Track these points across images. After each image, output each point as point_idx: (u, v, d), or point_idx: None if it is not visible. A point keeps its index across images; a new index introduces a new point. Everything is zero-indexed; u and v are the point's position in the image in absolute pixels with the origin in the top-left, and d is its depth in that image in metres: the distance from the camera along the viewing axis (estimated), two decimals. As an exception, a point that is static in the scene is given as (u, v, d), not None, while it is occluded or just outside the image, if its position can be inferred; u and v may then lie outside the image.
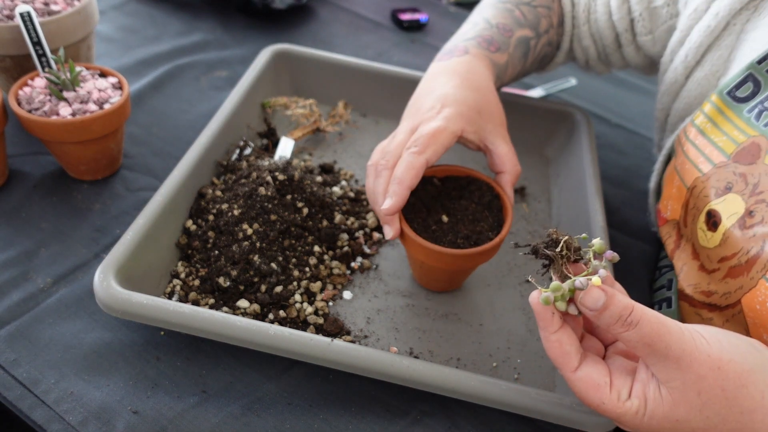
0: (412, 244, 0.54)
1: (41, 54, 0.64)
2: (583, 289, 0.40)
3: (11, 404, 0.49)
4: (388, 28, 1.09)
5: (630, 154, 0.88)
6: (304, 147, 0.77)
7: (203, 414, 0.49)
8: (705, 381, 0.37)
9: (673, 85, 0.65)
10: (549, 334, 0.41)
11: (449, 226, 0.56)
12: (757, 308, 0.46)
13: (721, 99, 0.55)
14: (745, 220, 0.50)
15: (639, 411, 0.39)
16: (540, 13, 0.71)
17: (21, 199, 0.64)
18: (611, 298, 0.39)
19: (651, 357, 0.38)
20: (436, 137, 0.54)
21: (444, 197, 0.58)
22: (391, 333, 0.58)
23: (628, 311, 0.39)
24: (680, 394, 0.38)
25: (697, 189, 0.56)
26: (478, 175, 0.59)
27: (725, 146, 0.54)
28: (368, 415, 0.51)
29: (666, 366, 0.38)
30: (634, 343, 0.39)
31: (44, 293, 0.56)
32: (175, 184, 0.60)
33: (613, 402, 0.40)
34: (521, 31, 0.69)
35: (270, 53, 0.80)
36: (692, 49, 0.61)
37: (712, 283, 0.52)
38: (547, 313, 0.41)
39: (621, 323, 0.39)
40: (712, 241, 0.53)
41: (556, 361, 0.42)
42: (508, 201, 0.57)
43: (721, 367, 0.38)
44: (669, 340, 0.38)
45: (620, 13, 0.68)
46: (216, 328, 0.49)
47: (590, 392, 0.40)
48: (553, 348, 0.41)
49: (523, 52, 0.70)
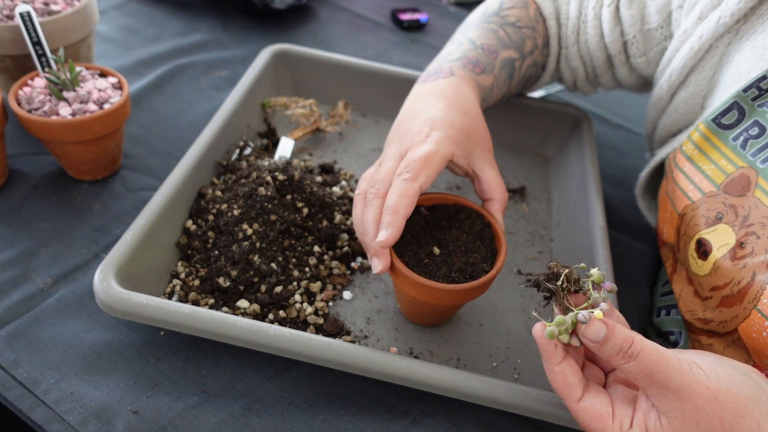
0: (404, 279, 0.50)
1: (41, 54, 0.64)
2: (586, 323, 0.41)
3: (11, 404, 0.49)
4: (388, 28, 1.09)
5: (630, 154, 0.88)
6: (304, 147, 0.77)
7: (203, 414, 0.49)
8: (703, 412, 0.38)
9: (659, 101, 0.66)
10: (552, 366, 0.43)
11: (441, 258, 0.52)
12: (754, 336, 0.48)
13: (707, 127, 0.56)
14: (735, 251, 0.50)
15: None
16: (525, 34, 0.69)
17: (21, 199, 0.64)
18: (612, 331, 0.40)
19: (651, 388, 0.39)
20: (428, 162, 0.51)
21: (433, 227, 0.55)
22: (391, 333, 0.58)
23: (629, 343, 0.40)
24: (680, 424, 0.39)
25: (688, 216, 0.56)
26: (466, 203, 0.57)
27: (714, 175, 0.55)
28: (368, 415, 0.51)
29: (666, 397, 0.39)
30: (634, 374, 0.39)
31: (44, 293, 0.56)
32: (175, 184, 0.60)
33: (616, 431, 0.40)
34: (506, 53, 0.67)
35: (270, 53, 0.80)
36: (676, 70, 0.62)
37: (707, 310, 0.53)
38: (551, 346, 0.42)
39: (622, 355, 0.40)
40: (702, 269, 0.54)
41: (560, 392, 0.43)
42: (501, 230, 0.55)
43: (719, 398, 0.38)
44: (668, 372, 0.39)
45: (613, 36, 0.68)
46: (216, 328, 0.49)
47: (594, 422, 0.41)
48: (557, 379, 0.42)
49: (508, 74, 0.68)
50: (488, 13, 0.71)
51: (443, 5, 1.19)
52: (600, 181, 0.70)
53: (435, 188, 0.74)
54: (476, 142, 0.58)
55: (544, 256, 0.68)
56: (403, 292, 0.54)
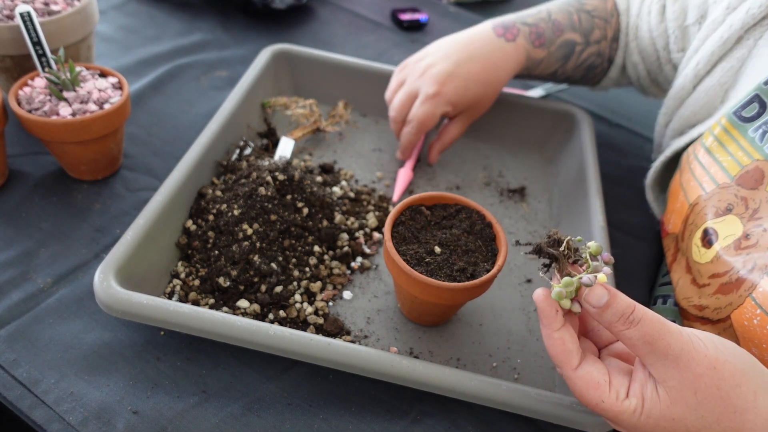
0: (406, 278, 0.51)
1: (41, 54, 0.64)
2: (590, 285, 0.40)
3: (11, 404, 0.49)
4: (388, 28, 1.09)
5: (630, 154, 0.88)
6: (304, 147, 0.77)
7: (203, 414, 0.49)
8: (701, 380, 0.38)
9: (680, 92, 0.66)
10: (552, 332, 0.42)
11: (443, 258, 0.52)
12: (745, 324, 0.48)
13: (728, 120, 0.56)
14: (740, 241, 0.51)
15: (636, 410, 0.40)
16: (596, 23, 0.74)
17: (21, 199, 0.64)
18: (614, 296, 0.40)
19: (650, 355, 0.39)
20: (425, 124, 0.70)
21: (434, 227, 0.56)
22: (391, 333, 0.58)
23: (631, 309, 0.40)
24: (677, 392, 0.39)
25: (698, 207, 0.57)
26: (467, 203, 0.57)
27: (730, 167, 0.55)
28: (368, 415, 0.51)
29: (665, 365, 0.39)
30: (634, 340, 0.39)
31: (44, 293, 0.56)
32: (175, 184, 0.60)
33: (612, 401, 0.40)
34: (571, 34, 0.73)
35: (270, 53, 0.80)
36: (704, 58, 0.62)
37: (703, 297, 0.54)
38: (552, 310, 0.42)
39: (623, 321, 0.39)
40: (704, 257, 0.54)
41: (558, 358, 0.42)
42: (501, 230, 0.55)
43: (717, 366, 0.39)
44: (669, 339, 0.39)
45: (658, 31, 0.70)
46: (216, 328, 0.49)
47: (590, 391, 0.41)
48: (556, 345, 0.42)
49: (564, 54, 0.74)
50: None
51: (443, 5, 1.19)
52: (600, 181, 0.70)
53: (435, 188, 0.74)
54: (471, 111, 0.73)
55: (544, 256, 0.68)
56: (404, 291, 0.54)
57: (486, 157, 0.81)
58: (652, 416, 0.39)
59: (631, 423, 0.40)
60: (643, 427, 0.40)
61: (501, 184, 0.77)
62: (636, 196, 0.80)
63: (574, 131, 0.79)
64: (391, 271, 0.53)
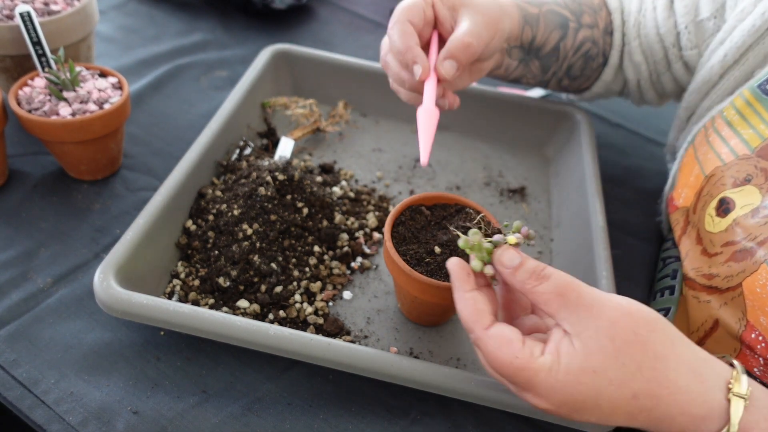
0: (406, 278, 0.51)
1: (41, 54, 0.64)
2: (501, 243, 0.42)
3: (11, 404, 0.49)
4: (388, 28, 1.08)
5: (630, 154, 0.88)
6: (304, 147, 0.77)
7: (203, 414, 0.49)
8: (618, 325, 0.38)
9: (705, 84, 0.64)
10: (463, 293, 0.42)
11: (443, 258, 0.52)
12: (758, 291, 0.47)
13: (751, 93, 0.56)
14: (759, 210, 0.51)
15: (553, 366, 0.38)
16: (584, 9, 0.71)
17: (21, 199, 0.64)
18: (526, 258, 0.41)
19: (563, 309, 0.39)
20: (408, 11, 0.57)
21: (434, 227, 0.55)
22: (391, 333, 0.58)
23: (541, 267, 0.40)
24: (594, 342, 0.37)
25: (715, 177, 0.56)
26: (467, 203, 0.57)
27: (750, 139, 0.55)
28: (368, 415, 0.51)
29: (578, 315, 0.38)
30: (547, 295, 0.39)
31: (44, 293, 0.56)
32: (175, 184, 0.60)
33: (526, 357, 0.38)
34: (557, 8, 0.69)
35: (270, 53, 0.80)
36: (733, 48, 0.60)
37: (714, 266, 0.53)
38: (463, 272, 0.42)
39: (535, 277, 0.40)
40: (718, 226, 0.54)
41: (469, 319, 0.41)
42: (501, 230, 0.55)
43: (632, 312, 0.38)
44: (580, 290, 0.39)
45: (666, 27, 0.68)
46: (216, 328, 0.49)
47: (503, 348, 0.39)
48: (467, 306, 0.41)
49: (558, 23, 0.68)
50: None
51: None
52: (600, 181, 0.69)
53: (435, 188, 0.74)
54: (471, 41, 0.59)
55: (544, 256, 0.68)
56: (404, 291, 0.54)
57: (486, 157, 0.81)
58: (571, 371, 0.37)
59: (549, 384, 0.38)
60: (562, 387, 0.38)
61: (501, 184, 0.77)
62: (636, 196, 0.80)
63: (574, 131, 0.79)
64: (391, 271, 0.53)
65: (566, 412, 0.39)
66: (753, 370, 0.51)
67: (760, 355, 0.49)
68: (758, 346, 0.49)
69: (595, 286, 0.57)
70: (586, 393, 0.37)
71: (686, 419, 0.38)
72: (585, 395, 0.37)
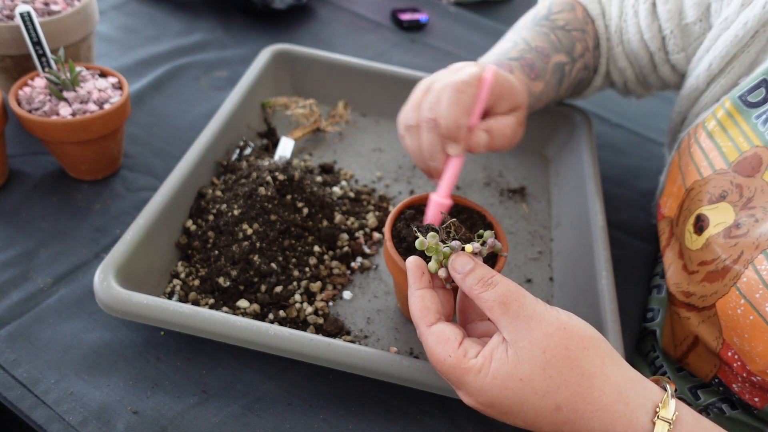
0: (406, 278, 0.50)
1: (41, 54, 0.64)
2: (455, 249, 0.44)
3: (11, 404, 0.49)
4: (388, 28, 1.09)
5: (630, 154, 0.88)
6: (304, 147, 0.77)
7: (203, 414, 0.49)
8: (551, 339, 0.39)
9: (694, 91, 0.64)
10: (415, 290, 0.44)
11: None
12: (729, 313, 0.48)
13: (732, 103, 0.55)
14: (731, 230, 0.50)
15: (483, 369, 0.40)
16: (575, 36, 0.70)
17: (21, 199, 0.64)
18: (477, 265, 0.43)
19: (504, 317, 0.40)
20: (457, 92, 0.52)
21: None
22: (391, 333, 0.58)
23: (490, 276, 0.42)
24: (527, 351, 0.39)
25: (694, 191, 0.56)
26: (469, 204, 0.57)
27: (729, 153, 0.54)
28: (368, 415, 0.51)
29: (517, 325, 0.40)
30: (491, 302, 0.40)
31: (44, 293, 0.56)
32: (175, 184, 0.60)
33: (459, 357, 0.40)
34: (557, 57, 0.68)
35: (270, 53, 0.80)
36: (717, 58, 0.60)
37: (691, 284, 0.54)
38: (418, 271, 0.45)
39: (482, 284, 0.41)
40: (695, 243, 0.54)
41: (415, 315, 0.44)
42: (501, 230, 0.55)
43: (567, 328, 0.39)
44: (523, 301, 0.40)
45: (651, 32, 0.67)
46: (216, 328, 0.49)
47: (439, 346, 0.41)
48: (416, 302, 0.44)
49: (558, 79, 0.69)
50: (538, 17, 0.71)
51: (443, 5, 1.19)
52: (600, 181, 0.69)
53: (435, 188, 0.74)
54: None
55: (544, 256, 0.68)
56: (405, 291, 0.53)
57: (486, 157, 0.81)
58: (499, 376, 0.39)
59: (476, 385, 0.40)
60: (489, 389, 0.39)
61: (501, 184, 0.77)
62: (636, 196, 0.80)
63: (574, 131, 0.79)
64: (391, 271, 0.53)
65: (495, 413, 0.41)
66: (732, 386, 0.52)
67: (737, 372, 0.49)
68: (734, 365, 0.49)
69: (595, 287, 0.58)
70: (511, 398, 0.39)
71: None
72: (510, 400, 0.39)
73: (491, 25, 1.13)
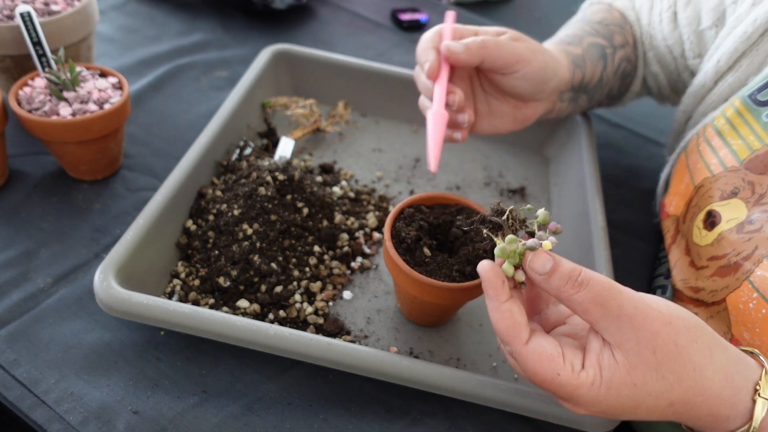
0: (405, 278, 0.51)
1: (41, 54, 0.64)
2: (535, 249, 0.39)
3: (11, 404, 0.49)
4: (388, 28, 1.09)
5: (630, 154, 0.88)
6: (304, 147, 0.77)
7: (203, 414, 0.49)
8: (659, 337, 0.37)
9: (700, 89, 0.64)
10: (499, 304, 0.39)
11: (443, 258, 0.52)
12: (740, 307, 0.48)
13: (742, 102, 0.55)
14: (744, 225, 0.50)
15: (595, 381, 0.38)
16: (612, 30, 0.71)
17: (21, 199, 0.64)
18: (559, 262, 0.39)
19: (603, 318, 0.37)
20: None
21: (434, 227, 0.55)
22: (391, 333, 0.58)
23: (577, 272, 0.38)
24: (636, 354, 0.37)
25: (704, 188, 0.56)
26: (467, 203, 0.57)
27: (740, 151, 0.54)
28: (368, 415, 0.51)
29: (619, 326, 0.37)
30: (586, 304, 0.38)
31: (44, 293, 0.56)
32: (175, 184, 0.60)
33: (568, 373, 0.38)
34: (593, 38, 0.69)
35: (270, 53, 0.80)
36: (726, 54, 0.60)
37: (700, 279, 0.53)
38: (498, 281, 0.39)
39: (572, 284, 0.38)
40: (705, 239, 0.54)
41: (506, 333, 0.39)
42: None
43: (672, 322, 0.38)
44: (621, 298, 0.37)
45: (673, 39, 0.68)
46: (216, 328, 0.49)
47: (544, 364, 0.38)
48: (504, 319, 0.39)
49: (599, 55, 0.68)
50: (574, 20, 0.73)
51: (443, 5, 1.19)
52: (600, 181, 0.70)
53: (435, 188, 0.74)
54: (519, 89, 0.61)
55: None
56: (404, 291, 0.54)
57: (486, 157, 0.81)
58: (613, 385, 0.37)
59: (590, 398, 0.38)
60: (603, 400, 0.38)
61: (501, 184, 0.77)
62: (636, 196, 0.80)
63: (574, 131, 0.79)
64: (390, 271, 0.53)
65: (602, 415, 0.39)
66: None
67: None
68: None
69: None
70: (625, 404, 0.38)
71: (712, 419, 0.39)
72: (624, 405, 0.38)
73: (491, 25, 1.13)
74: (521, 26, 0.70)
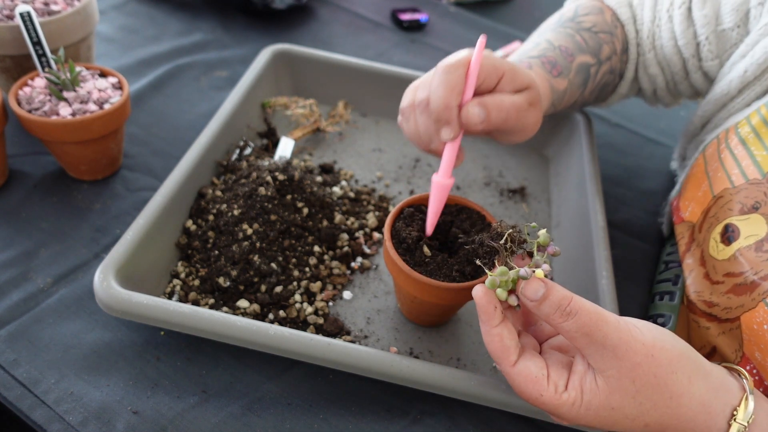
0: (405, 278, 0.51)
1: (41, 54, 0.64)
2: (527, 278, 0.41)
3: (11, 404, 0.49)
4: (388, 28, 1.09)
5: (630, 154, 0.88)
6: (304, 147, 0.77)
7: (203, 414, 0.49)
8: (639, 368, 0.39)
9: (723, 97, 0.63)
10: (491, 328, 0.42)
11: (443, 258, 0.52)
12: (755, 328, 0.48)
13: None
14: (763, 243, 0.49)
15: (576, 402, 0.40)
16: (602, 39, 0.68)
17: (21, 199, 0.64)
18: (550, 289, 0.40)
19: (589, 347, 0.39)
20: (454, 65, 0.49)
21: (435, 227, 0.55)
22: (391, 333, 0.58)
23: (567, 301, 0.40)
24: (616, 381, 0.39)
25: (723, 200, 0.55)
26: (467, 203, 0.56)
27: (763, 162, 0.53)
28: (368, 415, 0.51)
29: (603, 355, 0.39)
30: (572, 333, 0.40)
31: (44, 293, 0.56)
32: (175, 184, 0.60)
33: (550, 394, 0.41)
34: (582, 57, 0.66)
35: (270, 53, 0.80)
36: (754, 65, 0.58)
37: (715, 294, 0.53)
38: (490, 306, 0.42)
39: (560, 313, 0.40)
40: (721, 254, 0.53)
41: (495, 355, 0.42)
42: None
43: (654, 354, 0.39)
44: (606, 329, 0.39)
45: (685, 38, 0.65)
46: (216, 328, 0.49)
47: (528, 385, 0.41)
48: (494, 342, 0.42)
49: (583, 80, 0.66)
50: (563, 19, 0.70)
51: (443, 5, 1.19)
52: (600, 181, 0.69)
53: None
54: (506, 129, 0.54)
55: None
56: (404, 291, 0.54)
57: (486, 157, 0.81)
58: (592, 408, 0.40)
59: (571, 414, 0.41)
60: (583, 417, 0.41)
61: (501, 184, 0.77)
62: (636, 196, 0.80)
63: (574, 131, 0.79)
64: (390, 271, 0.53)
65: (582, 427, 0.43)
66: None
67: None
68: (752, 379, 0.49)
69: (595, 286, 0.58)
70: (603, 422, 0.41)
71: None
72: (602, 423, 0.41)
73: (491, 25, 1.13)
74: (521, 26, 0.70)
